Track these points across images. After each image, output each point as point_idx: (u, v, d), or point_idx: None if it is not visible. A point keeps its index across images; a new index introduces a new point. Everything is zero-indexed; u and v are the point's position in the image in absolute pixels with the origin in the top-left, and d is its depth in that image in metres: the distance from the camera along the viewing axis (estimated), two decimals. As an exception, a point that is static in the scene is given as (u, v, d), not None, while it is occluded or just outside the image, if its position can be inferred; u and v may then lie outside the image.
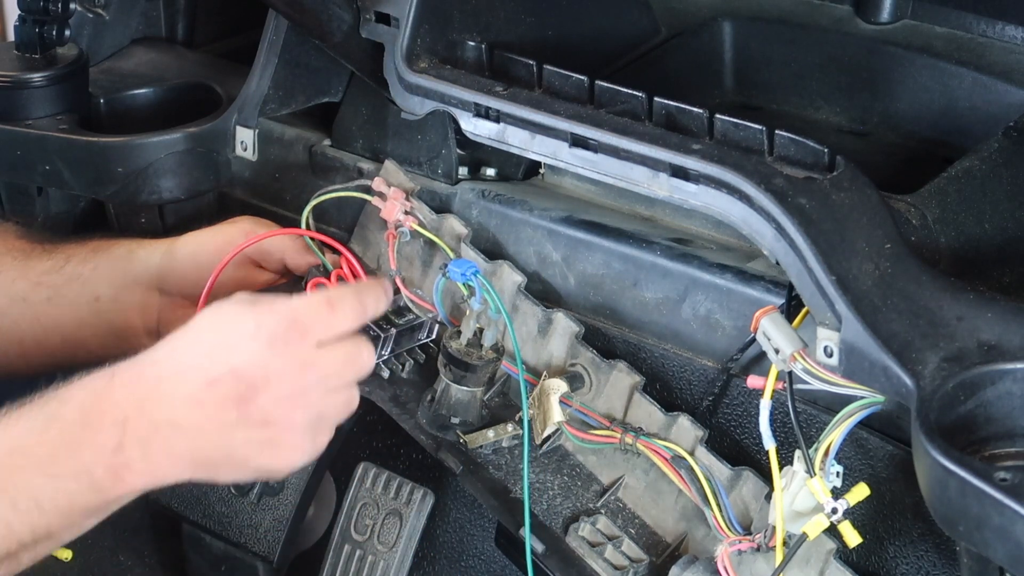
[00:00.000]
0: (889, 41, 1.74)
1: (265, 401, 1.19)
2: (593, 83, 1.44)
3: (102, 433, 1.17)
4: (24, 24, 1.72)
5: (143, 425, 1.18)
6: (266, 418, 1.19)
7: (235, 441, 1.20)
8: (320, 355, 1.21)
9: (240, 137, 1.69)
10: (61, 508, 1.17)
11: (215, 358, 1.19)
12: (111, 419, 1.18)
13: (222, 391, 1.18)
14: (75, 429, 1.18)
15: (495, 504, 1.40)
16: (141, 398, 1.19)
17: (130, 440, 1.17)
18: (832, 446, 1.22)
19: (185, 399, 1.19)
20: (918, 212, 1.37)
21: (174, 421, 1.18)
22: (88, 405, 1.19)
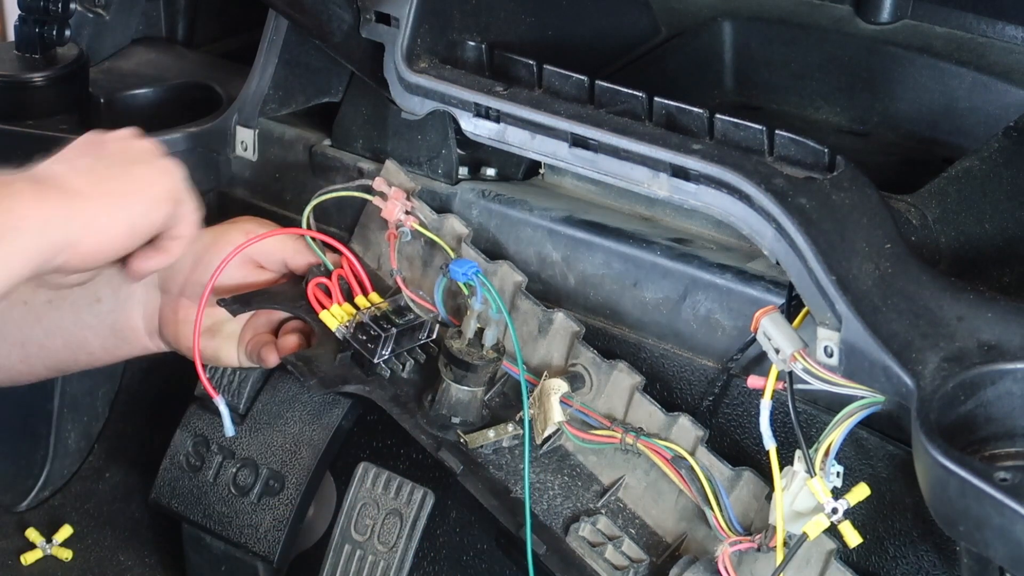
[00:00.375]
0: (889, 41, 1.74)
1: (116, 145, 1.35)
2: (593, 83, 1.44)
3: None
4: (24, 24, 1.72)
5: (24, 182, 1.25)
6: (117, 153, 1.33)
7: (102, 165, 1.30)
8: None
9: (240, 137, 1.69)
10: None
11: (85, 149, 1.34)
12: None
13: (78, 147, 1.33)
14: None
15: (495, 504, 1.40)
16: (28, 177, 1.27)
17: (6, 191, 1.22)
18: (832, 446, 1.22)
19: (53, 162, 1.30)
20: (918, 212, 1.37)
21: (61, 182, 1.26)
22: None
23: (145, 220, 1.32)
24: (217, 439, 1.64)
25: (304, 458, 1.59)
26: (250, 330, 1.53)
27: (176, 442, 1.67)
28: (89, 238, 1.26)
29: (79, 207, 1.25)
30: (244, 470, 1.62)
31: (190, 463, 1.65)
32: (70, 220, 1.24)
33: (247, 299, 1.50)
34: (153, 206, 1.32)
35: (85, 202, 1.26)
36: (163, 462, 1.67)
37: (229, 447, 1.63)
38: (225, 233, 1.53)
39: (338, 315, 1.46)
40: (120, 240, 1.30)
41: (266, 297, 1.52)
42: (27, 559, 1.74)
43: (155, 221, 1.33)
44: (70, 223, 1.24)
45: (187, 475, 1.65)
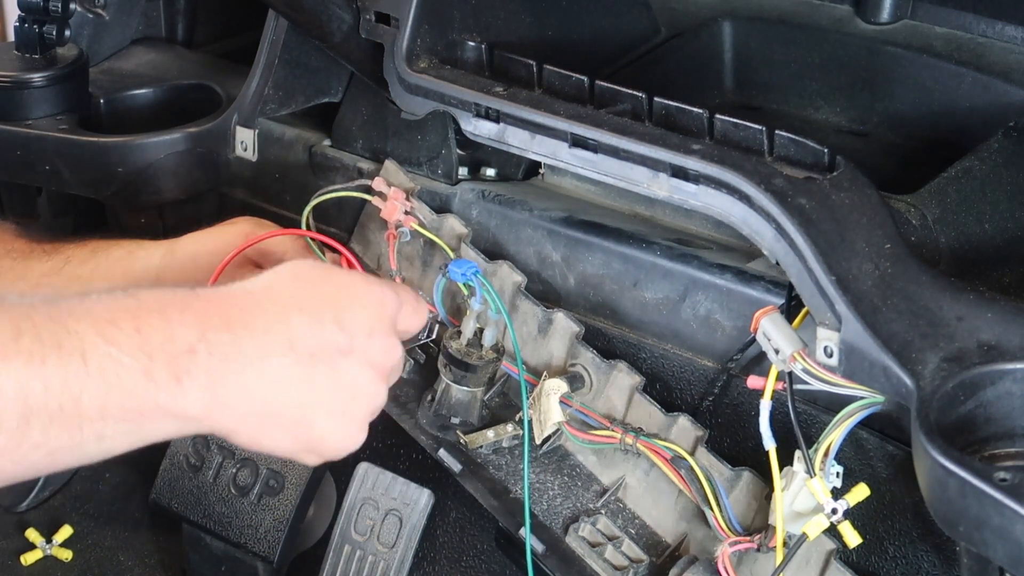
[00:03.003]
0: (889, 41, 1.74)
1: (358, 364, 1.16)
2: (593, 83, 1.44)
3: (177, 328, 1.07)
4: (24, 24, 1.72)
5: (224, 340, 1.09)
6: (351, 383, 1.16)
7: (314, 395, 1.14)
8: (398, 344, 1.21)
9: (240, 137, 1.69)
10: (105, 380, 1.04)
11: (322, 306, 1.15)
12: (191, 319, 1.08)
13: (321, 337, 1.14)
14: (147, 313, 1.07)
15: (495, 504, 1.40)
16: (229, 316, 1.11)
17: (205, 348, 1.08)
18: (832, 446, 1.22)
19: (280, 334, 1.12)
20: (918, 212, 1.37)
21: (262, 350, 1.11)
22: (167, 300, 1.10)
23: (279, 455, 1.19)
24: (217, 439, 1.64)
25: (304, 458, 1.59)
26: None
27: (176, 442, 1.67)
28: (223, 436, 1.14)
29: (228, 421, 1.11)
30: (244, 470, 1.62)
31: (190, 463, 1.65)
32: (211, 428, 1.11)
33: (247, 299, 1.50)
34: (302, 457, 1.19)
35: (240, 420, 1.11)
36: (163, 462, 1.67)
37: (229, 447, 1.63)
38: (225, 234, 1.53)
39: (338, 315, 1.46)
40: (248, 449, 1.18)
41: (266, 297, 1.52)
42: (27, 559, 1.74)
43: (289, 459, 1.21)
44: (207, 427, 1.11)
45: (187, 475, 1.65)
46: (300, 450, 1.17)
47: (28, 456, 1.03)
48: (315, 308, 1.15)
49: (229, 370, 1.09)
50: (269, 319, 1.13)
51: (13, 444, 1.02)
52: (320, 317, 1.15)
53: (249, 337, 1.11)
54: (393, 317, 1.21)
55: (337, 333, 1.15)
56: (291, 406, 1.13)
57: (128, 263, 1.54)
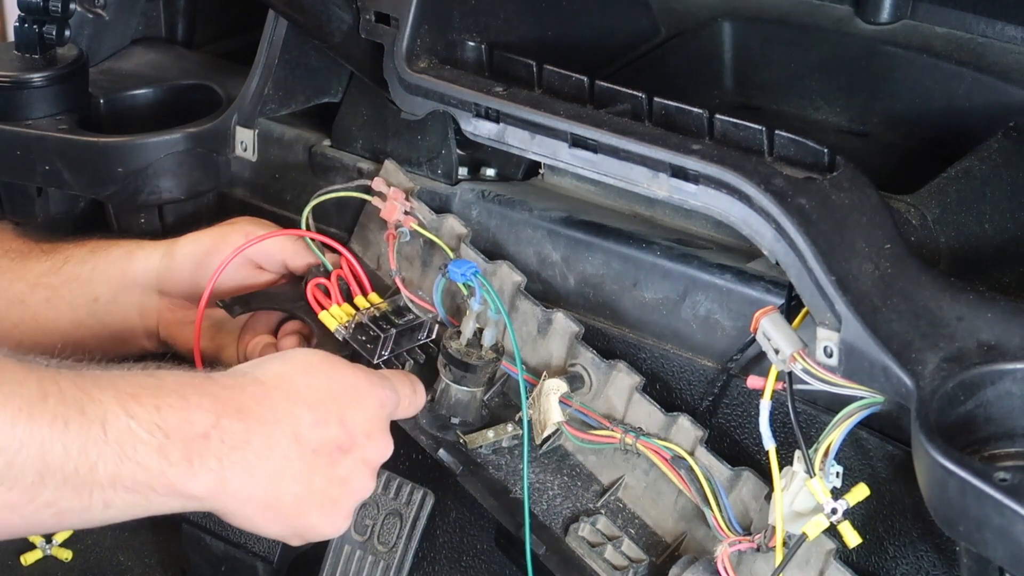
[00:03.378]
0: (889, 41, 1.74)
1: (354, 462, 1.25)
2: (593, 83, 1.44)
3: (195, 411, 1.14)
4: (24, 24, 1.72)
5: (237, 430, 1.16)
6: (346, 478, 1.24)
7: (311, 487, 1.22)
8: (390, 443, 1.30)
9: (240, 137, 1.69)
10: (122, 451, 1.09)
11: (328, 404, 1.23)
12: (208, 404, 1.15)
13: (325, 436, 1.22)
14: (167, 393, 1.14)
15: (495, 504, 1.40)
16: (244, 407, 1.18)
17: (217, 435, 1.15)
18: (832, 446, 1.22)
19: (287, 428, 1.20)
20: (918, 212, 1.37)
21: (269, 442, 1.18)
22: (186, 382, 1.16)
23: (268, 536, 1.28)
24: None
25: (304, 458, 1.59)
26: (250, 331, 1.53)
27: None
28: (229, 518, 1.21)
29: (231, 505, 1.18)
30: (244, 470, 1.62)
31: (190, 463, 1.64)
32: (214, 508, 1.18)
33: (247, 300, 1.50)
34: (288, 540, 1.27)
35: (241, 505, 1.18)
36: (163, 462, 1.66)
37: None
38: (225, 234, 1.53)
39: (337, 316, 1.46)
40: (254, 532, 1.24)
41: (266, 298, 1.52)
42: (27, 559, 1.74)
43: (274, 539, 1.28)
44: (210, 507, 1.17)
45: (187, 475, 1.64)
46: (288, 535, 1.25)
47: (37, 513, 1.08)
48: (321, 405, 1.23)
49: (238, 459, 1.16)
50: (278, 412, 1.20)
51: (25, 500, 1.07)
52: (326, 415, 1.23)
53: (259, 428, 1.18)
54: (390, 416, 1.30)
55: (339, 432, 1.23)
56: (288, 497, 1.21)
57: (127, 263, 1.54)
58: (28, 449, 1.05)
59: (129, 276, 1.54)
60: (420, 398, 1.37)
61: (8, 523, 1.09)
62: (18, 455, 1.05)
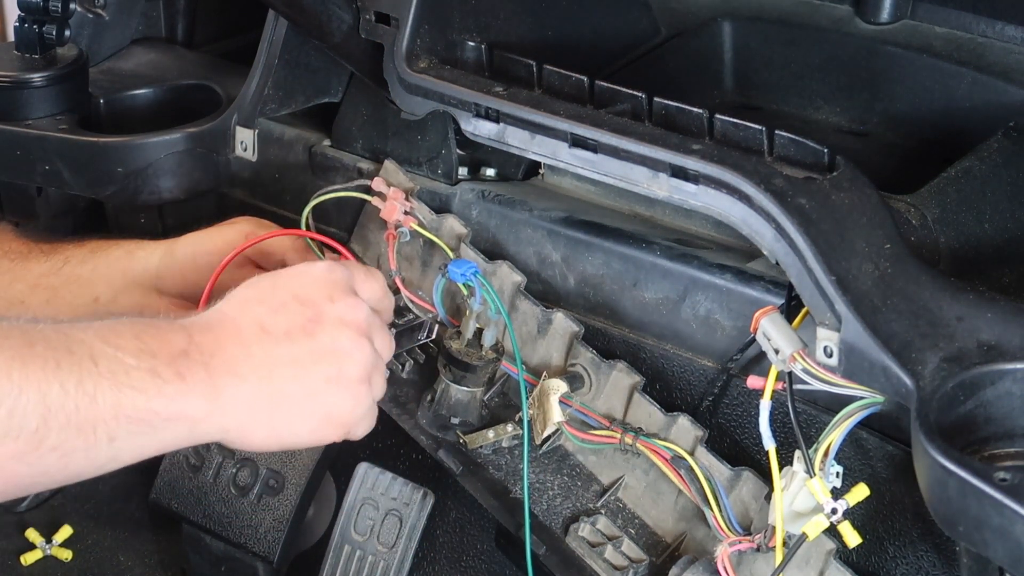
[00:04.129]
0: (889, 41, 1.74)
1: (331, 327, 1.23)
2: (593, 83, 1.44)
3: (168, 334, 1.16)
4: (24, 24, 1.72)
5: (209, 342, 1.17)
6: (333, 347, 1.23)
7: (306, 370, 1.21)
8: (362, 300, 1.28)
9: (240, 137, 1.69)
10: (116, 379, 1.10)
11: (277, 288, 1.24)
12: (178, 327, 1.17)
13: (288, 316, 1.22)
14: (142, 324, 1.16)
15: (495, 504, 1.40)
16: (207, 325, 1.19)
17: (196, 349, 1.16)
18: (832, 446, 1.22)
19: (250, 325, 1.20)
20: (918, 212, 1.37)
21: (241, 342, 1.19)
22: (152, 319, 1.18)
23: (302, 442, 1.25)
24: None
25: (304, 458, 1.59)
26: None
27: (176, 442, 1.66)
28: (238, 440, 1.20)
29: (237, 415, 1.18)
30: (244, 470, 1.62)
31: (190, 463, 1.65)
32: (222, 427, 1.18)
33: (247, 299, 1.50)
34: (322, 435, 1.25)
35: (247, 412, 1.18)
36: (163, 462, 1.67)
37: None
38: (225, 234, 1.53)
39: (338, 315, 1.46)
40: (271, 448, 1.24)
41: (266, 297, 1.52)
42: (27, 559, 1.74)
43: (314, 444, 1.27)
44: (218, 426, 1.17)
45: (187, 475, 1.65)
46: (318, 426, 1.24)
47: (43, 459, 1.08)
48: (273, 296, 1.24)
49: (219, 364, 1.17)
50: (237, 318, 1.21)
51: (31, 447, 1.07)
52: (279, 299, 1.23)
53: (227, 335, 1.19)
54: (346, 282, 1.28)
55: (299, 308, 1.23)
56: (288, 386, 1.20)
57: (127, 263, 1.54)
58: (27, 394, 1.06)
59: (129, 276, 1.54)
60: (377, 274, 1.35)
61: (15, 474, 1.08)
62: (19, 401, 1.06)
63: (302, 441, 1.25)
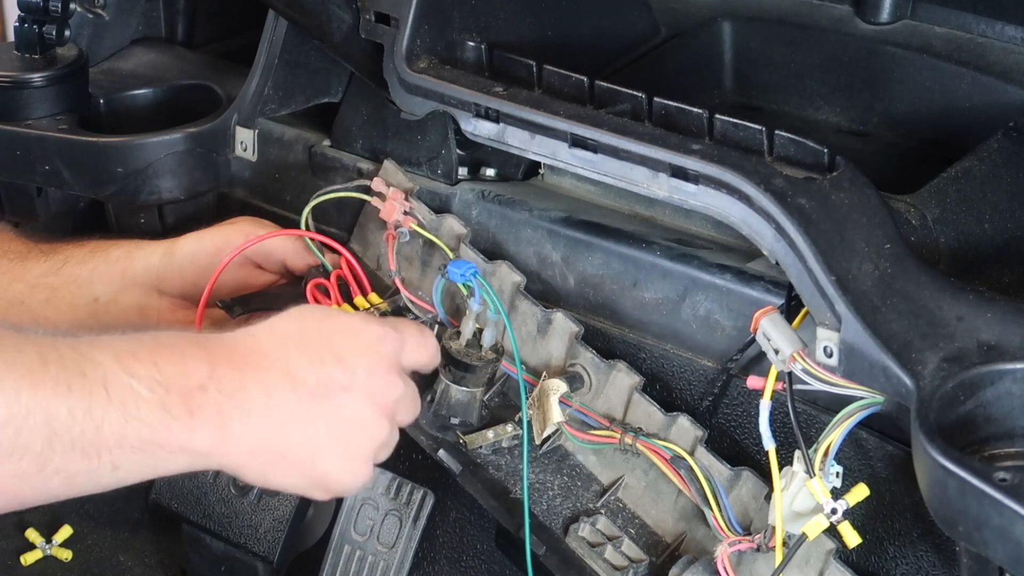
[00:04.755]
0: (889, 41, 1.74)
1: (359, 400, 1.21)
2: (593, 83, 1.44)
3: (190, 363, 1.13)
4: (24, 24, 1.72)
5: (232, 379, 1.15)
6: (353, 418, 1.21)
7: (317, 431, 1.19)
8: (406, 380, 1.25)
9: (240, 137, 1.69)
10: (125, 409, 1.09)
11: (322, 338, 1.21)
12: (202, 355, 1.15)
13: (321, 373, 1.19)
14: (163, 347, 1.13)
15: (495, 505, 1.40)
16: (234, 355, 1.17)
17: (214, 385, 1.14)
18: (832, 446, 1.22)
19: (281, 371, 1.17)
20: (918, 212, 1.37)
21: (265, 387, 1.16)
22: (181, 337, 1.16)
23: (289, 491, 1.24)
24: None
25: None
26: (250, 331, 1.53)
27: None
28: (233, 473, 1.19)
29: (239, 455, 1.16)
30: (244, 470, 1.62)
31: (190, 463, 1.64)
32: (221, 464, 1.16)
33: (247, 300, 1.50)
34: (310, 493, 1.23)
35: (248, 455, 1.16)
36: (163, 462, 1.66)
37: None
38: (225, 234, 1.53)
39: (337, 315, 1.46)
40: (260, 486, 1.23)
41: (265, 298, 1.52)
42: (27, 559, 1.74)
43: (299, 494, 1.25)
44: (218, 462, 1.16)
45: (187, 475, 1.65)
46: (307, 486, 1.22)
47: (48, 481, 1.08)
48: (314, 346, 1.20)
49: (235, 406, 1.15)
50: (270, 357, 1.18)
51: (35, 468, 1.07)
52: (319, 354, 1.20)
53: (253, 375, 1.16)
54: (394, 354, 1.25)
55: (337, 369, 1.20)
56: (294, 442, 1.18)
57: (127, 263, 1.54)
58: (35, 416, 1.05)
59: (129, 276, 1.54)
60: (430, 341, 1.32)
61: (19, 494, 1.08)
62: (25, 423, 1.05)
63: (289, 490, 1.24)
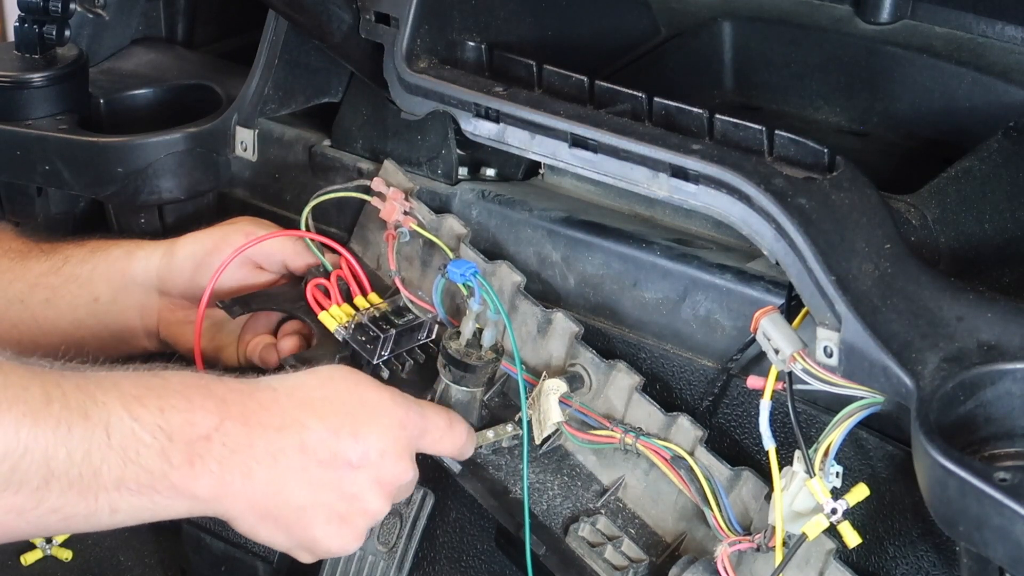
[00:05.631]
0: (889, 41, 1.74)
1: (365, 478, 1.21)
2: (593, 83, 1.44)
3: (198, 412, 1.13)
4: (24, 24, 1.72)
5: (240, 434, 1.15)
6: (356, 495, 1.21)
7: (317, 500, 1.19)
8: (415, 466, 1.25)
9: (240, 137, 1.69)
10: (126, 455, 1.09)
11: (342, 417, 1.20)
12: (212, 406, 1.14)
13: (334, 449, 1.19)
14: (171, 394, 1.13)
15: (495, 504, 1.40)
16: (246, 410, 1.16)
17: (220, 438, 1.13)
18: (832, 446, 1.22)
19: (294, 436, 1.18)
20: (918, 212, 1.37)
21: (273, 449, 1.16)
22: (192, 383, 1.15)
23: (276, 547, 1.24)
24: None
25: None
26: (250, 331, 1.53)
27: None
28: (227, 520, 1.19)
29: (234, 507, 1.16)
30: (244, 470, 1.62)
31: (190, 463, 1.64)
32: (216, 511, 1.16)
33: (247, 301, 1.50)
34: (295, 554, 1.24)
35: (244, 508, 1.16)
36: (163, 462, 1.66)
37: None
38: (225, 235, 1.53)
39: (337, 316, 1.46)
40: (261, 543, 1.22)
41: (266, 298, 1.52)
42: (27, 559, 1.74)
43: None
44: (213, 510, 1.16)
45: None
46: (294, 547, 1.22)
47: (44, 519, 1.08)
48: (334, 417, 1.20)
49: (239, 462, 1.15)
50: (286, 419, 1.18)
51: (31, 505, 1.07)
52: (338, 428, 1.19)
53: (263, 434, 1.16)
54: (412, 440, 1.25)
55: (351, 446, 1.20)
56: (292, 507, 1.18)
57: (127, 263, 1.54)
58: (32, 454, 1.05)
59: (129, 276, 1.54)
60: (458, 435, 1.30)
61: (15, 527, 1.08)
62: (22, 460, 1.05)
63: (274, 547, 1.24)
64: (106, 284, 1.53)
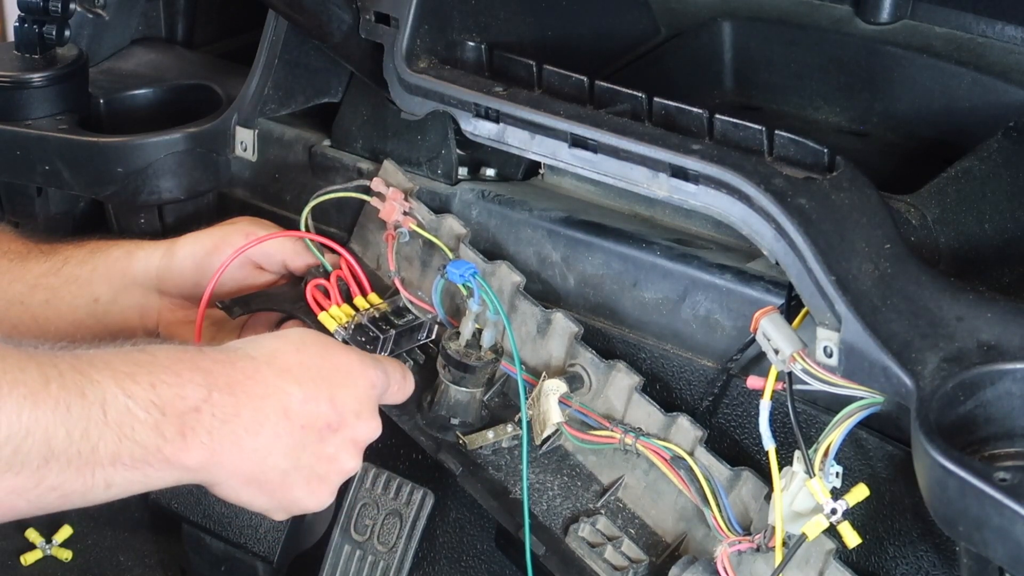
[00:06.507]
0: (889, 41, 1.74)
1: (342, 440, 1.26)
2: (593, 83, 1.44)
3: (187, 386, 1.16)
4: (24, 24, 1.72)
5: (227, 404, 1.18)
6: (333, 455, 1.26)
7: (299, 463, 1.23)
8: (379, 422, 1.30)
9: (240, 137, 1.69)
10: (121, 431, 1.11)
11: (319, 382, 1.24)
12: (200, 379, 1.17)
13: (314, 413, 1.23)
14: (161, 369, 1.15)
15: (495, 505, 1.40)
16: (234, 381, 1.19)
17: (209, 409, 1.16)
18: (832, 447, 1.22)
19: (277, 403, 1.21)
20: (918, 212, 1.37)
21: (258, 417, 1.19)
22: (179, 357, 1.18)
23: (255, 510, 1.27)
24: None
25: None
26: (249, 331, 1.53)
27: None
28: (213, 488, 1.22)
29: (221, 475, 1.19)
30: (244, 470, 1.62)
31: (190, 463, 1.64)
32: (205, 480, 1.19)
33: (247, 301, 1.50)
34: (272, 515, 1.28)
35: (230, 476, 1.20)
36: (163, 462, 1.66)
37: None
38: (225, 235, 1.53)
39: (337, 316, 1.46)
40: (240, 505, 1.25)
41: (266, 299, 1.52)
42: (27, 559, 1.74)
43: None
44: (202, 479, 1.19)
45: (187, 475, 1.64)
46: (272, 508, 1.27)
47: (43, 497, 1.11)
48: (312, 383, 1.24)
49: (228, 431, 1.18)
50: (268, 387, 1.21)
51: (31, 484, 1.09)
52: (316, 393, 1.24)
53: (249, 403, 1.19)
54: (379, 397, 1.31)
55: (329, 410, 1.24)
56: (276, 471, 1.23)
57: (127, 263, 1.54)
58: (34, 435, 1.07)
59: (129, 276, 1.53)
60: (409, 384, 1.37)
61: (14, 507, 1.10)
62: (24, 442, 1.07)
63: (252, 509, 1.27)
64: (106, 285, 1.53)
